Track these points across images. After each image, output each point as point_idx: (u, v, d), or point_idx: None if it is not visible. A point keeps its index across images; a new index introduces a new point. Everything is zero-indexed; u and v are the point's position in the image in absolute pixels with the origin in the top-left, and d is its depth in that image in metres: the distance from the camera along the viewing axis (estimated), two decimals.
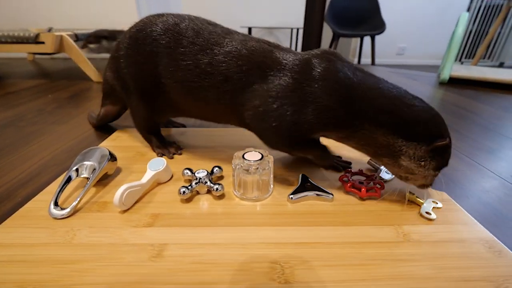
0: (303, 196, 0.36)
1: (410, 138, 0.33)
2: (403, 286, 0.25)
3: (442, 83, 1.23)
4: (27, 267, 0.27)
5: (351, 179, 0.39)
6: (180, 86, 0.42)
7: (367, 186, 0.38)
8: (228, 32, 0.42)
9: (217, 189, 0.37)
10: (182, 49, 0.40)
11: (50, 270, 0.26)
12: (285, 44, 3.64)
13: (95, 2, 1.83)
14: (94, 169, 0.38)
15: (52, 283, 0.25)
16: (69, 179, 0.37)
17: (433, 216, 0.34)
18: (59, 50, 1.12)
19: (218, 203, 0.37)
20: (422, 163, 0.33)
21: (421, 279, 0.26)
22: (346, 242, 0.30)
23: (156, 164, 0.40)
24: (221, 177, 0.43)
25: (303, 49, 3.74)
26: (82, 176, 0.38)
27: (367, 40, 2.97)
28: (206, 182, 0.37)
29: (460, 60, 3.87)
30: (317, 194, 0.37)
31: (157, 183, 0.41)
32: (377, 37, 2.70)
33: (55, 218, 0.33)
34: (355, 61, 3.48)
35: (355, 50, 3.58)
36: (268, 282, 0.25)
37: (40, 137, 0.61)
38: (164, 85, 0.43)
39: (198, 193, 0.38)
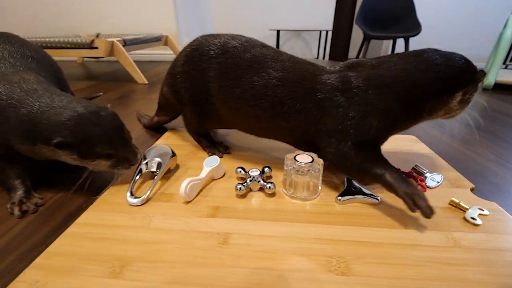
0: (351, 198, 0.39)
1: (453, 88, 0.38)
2: (455, 285, 0.26)
3: (485, 89, 1.17)
4: (116, 244, 0.32)
5: None
6: (234, 102, 0.45)
7: None
8: (280, 54, 0.45)
9: (269, 187, 0.40)
10: (239, 71, 0.44)
11: (134, 248, 0.31)
12: (314, 47, 3.63)
13: (136, 10, 1.96)
14: (160, 164, 0.44)
15: (138, 259, 0.30)
16: (140, 171, 0.43)
17: (478, 221, 0.35)
18: (110, 54, 1.23)
19: (269, 200, 0.40)
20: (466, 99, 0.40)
21: (473, 283, 0.27)
22: (395, 243, 0.32)
23: (211, 162, 0.44)
24: (270, 177, 0.46)
25: (331, 52, 3.68)
26: (151, 170, 0.43)
27: (400, 42, 2.87)
28: (259, 181, 0.41)
29: (504, 63, 3.58)
30: (365, 197, 0.39)
31: (211, 179, 0.45)
32: (412, 39, 2.60)
33: (132, 205, 0.38)
34: None
35: (387, 53, 3.47)
36: (326, 273, 0.28)
37: None
38: (215, 99, 0.48)
39: (251, 190, 0.42)
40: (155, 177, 0.42)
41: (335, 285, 0.27)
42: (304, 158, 0.39)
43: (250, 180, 0.41)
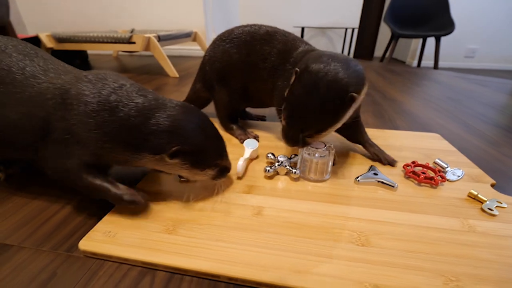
0: (369, 181, 0.42)
1: None
2: (464, 263, 0.30)
3: None
4: (169, 208, 0.38)
5: (413, 168, 0.45)
6: (249, 66, 0.55)
7: (424, 175, 0.43)
8: (284, 35, 0.56)
9: (295, 172, 0.44)
10: (255, 42, 0.55)
11: (186, 213, 0.37)
12: (338, 45, 3.58)
13: (167, 7, 2.06)
14: None
15: (188, 221, 0.36)
16: None
17: (495, 212, 0.37)
18: (145, 49, 1.32)
19: (295, 183, 0.45)
20: None
21: (483, 261, 0.30)
22: (412, 224, 0.35)
23: (251, 144, 0.50)
24: (296, 163, 0.50)
25: (356, 50, 3.59)
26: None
27: (430, 41, 2.76)
28: (286, 165, 0.46)
29: None
30: (382, 182, 0.42)
31: (250, 159, 0.50)
32: (443, 38, 2.50)
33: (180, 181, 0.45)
34: (415, 64, 3.26)
35: (415, 52, 3.34)
36: (348, 243, 0.32)
37: None
38: (237, 71, 0.57)
39: (278, 173, 0.47)
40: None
41: (355, 253, 0.31)
42: (316, 144, 0.44)
43: (278, 165, 0.46)
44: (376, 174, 0.44)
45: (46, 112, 0.34)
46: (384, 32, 3.81)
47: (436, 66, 2.39)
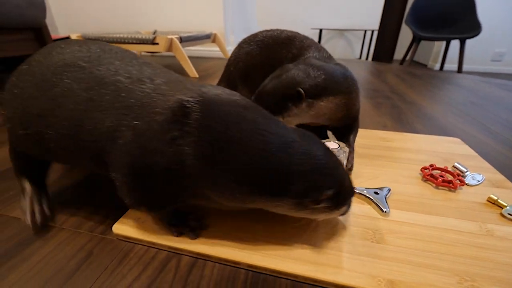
0: (363, 193, 0.41)
1: None
2: (480, 265, 0.30)
3: None
4: None
5: (431, 171, 0.45)
6: (269, 68, 0.56)
7: (443, 178, 0.43)
8: (302, 40, 0.58)
9: None
10: (275, 46, 0.58)
11: None
12: (356, 47, 3.52)
13: (188, 9, 2.12)
14: None
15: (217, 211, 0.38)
16: None
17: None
18: (168, 50, 1.37)
19: None
20: None
21: (500, 264, 0.30)
22: (429, 226, 0.36)
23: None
24: None
25: (375, 52, 3.54)
26: None
27: (454, 43, 2.66)
28: None
29: None
30: (374, 202, 0.40)
31: None
32: (469, 40, 2.40)
33: None
34: (437, 67, 3.15)
35: (438, 55, 3.23)
36: (363, 240, 0.33)
37: None
38: (258, 71, 0.59)
39: None
40: None
41: (369, 249, 0.32)
42: (331, 145, 0.45)
43: None
44: (377, 194, 0.41)
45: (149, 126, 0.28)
46: (405, 34, 3.71)
47: (460, 70, 2.30)
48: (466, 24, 2.26)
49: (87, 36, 1.50)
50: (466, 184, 0.45)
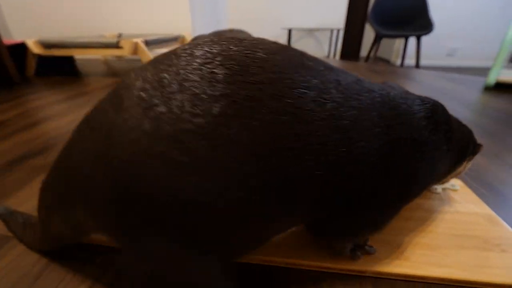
0: None
1: None
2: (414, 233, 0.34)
3: (487, 88, 1.21)
4: None
5: None
6: None
7: None
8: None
9: None
10: None
11: None
12: (325, 45, 3.66)
13: (154, 11, 2.09)
14: None
15: None
16: None
17: (439, 190, 0.42)
18: (133, 53, 1.35)
19: None
20: None
21: (429, 233, 0.35)
22: None
23: None
24: None
25: (343, 50, 3.71)
26: None
27: (412, 40, 2.87)
28: None
29: None
30: None
31: None
32: (426, 37, 2.60)
33: None
34: (398, 63, 3.37)
35: (398, 51, 3.46)
36: None
37: None
38: None
39: None
40: None
41: None
42: None
43: None
44: None
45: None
46: (369, 32, 3.92)
47: (417, 65, 2.48)
48: (420, 23, 2.45)
49: (44, 42, 1.42)
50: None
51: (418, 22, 2.49)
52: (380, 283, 0.29)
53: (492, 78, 1.17)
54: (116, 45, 1.34)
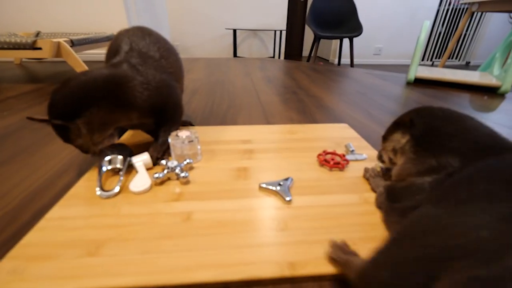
0: (270, 188, 0.44)
1: None
2: (359, 229, 0.37)
3: (409, 83, 1.40)
4: (89, 230, 0.36)
5: (325, 156, 0.53)
6: None
7: (333, 161, 0.51)
8: None
9: (183, 176, 0.46)
10: None
11: (107, 231, 0.36)
12: (270, 45, 3.76)
13: (82, 6, 1.85)
14: (124, 160, 0.48)
15: (111, 240, 0.34)
16: (102, 169, 0.46)
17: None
18: (56, 55, 1.16)
19: (222, 184, 0.47)
20: None
21: (373, 225, 0.38)
22: (323, 205, 0.42)
23: (139, 157, 0.49)
24: (192, 167, 0.52)
25: (286, 50, 3.85)
26: (117, 166, 0.47)
27: (346, 41, 3.15)
28: (176, 171, 0.46)
29: (431, 59, 4.16)
30: (278, 192, 0.44)
31: (147, 168, 0.50)
32: (356, 38, 2.88)
33: (103, 198, 0.42)
34: (336, 61, 3.66)
35: (336, 51, 3.77)
36: (271, 230, 0.36)
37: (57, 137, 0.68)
38: None
39: (169, 178, 0.47)
40: (120, 172, 0.46)
41: (274, 238, 0.35)
42: (183, 133, 0.52)
43: (168, 171, 0.46)
44: (281, 185, 0.45)
45: None
46: (311, 33, 4.17)
47: (352, 64, 2.73)
48: (351, 26, 2.70)
49: None
50: (352, 161, 0.54)
51: (349, 25, 2.74)
52: (341, 285, 0.31)
53: (411, 75, 1.36)
54: (32, 46, 1.14)
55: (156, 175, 0.45)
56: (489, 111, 0.99)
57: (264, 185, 0.45)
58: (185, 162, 0.49)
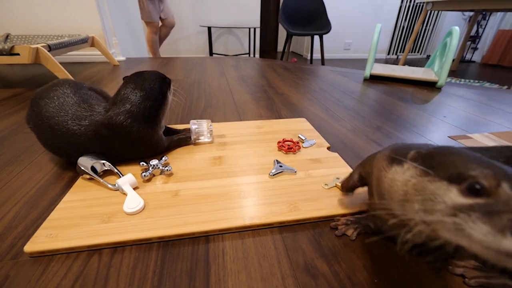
0: (278, 171, 0.58)
1: None
2: (301, 194, 0.52)
3: (365, 80, 1.59)
4: (100, 206, 0.48)
5: (283, 143, 0.68)
6: None
7: (288, 146, 0.66)
8: None
9: (167, 169, 0.57)
10: None
11: (116, 206, 0.48)
12: (245, 42, 3.85)
13: (54, 7, 1.84)
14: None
15: (121, 211, 0.47)
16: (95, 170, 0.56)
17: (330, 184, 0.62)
18: (35, 61, 1.21)
19: (206, 168, 0.60)
20: None
21: (311, 191, 0.53)
22: (277, 180, 0.56)
23: (125, 179, 0.54)
24: (168, 163, 0.61)
25: (261, 46, 3.94)
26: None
27: (317, 38, 3.32)
28: (159, 167, 0.57)
29: (396, 53, 4.48)
30: (287, 170, 0.59)
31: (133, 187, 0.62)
32: (327, 34, 3.06)
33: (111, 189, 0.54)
34: (309, 57, 3.85)
35: (308, 47, 3.96)
36: (238, 198, 0.50)
37: None
38: None
39: (154, 175, 0.58)
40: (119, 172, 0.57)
41: (241, 203, 0.49)
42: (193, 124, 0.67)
43: (152, 168, 0.56)
44: (281, 166, 0.60)
45: None
46: (284, 30, 4.30)
47: (322, 60, 2.92)
48: (321, 23, 2.88)
49: None
50: (303, 147, 0.69)
51: (319, 23, 2.91)
52: (283, 230, 0.45)
53: (367, 72, 1.55)
54: (9, 52, 1.17)
55: (143, 174, 0.55)
56: (424, 102, 1.20)
57: (273, 173, 0.58)
58: (162, 160, 0.59)
